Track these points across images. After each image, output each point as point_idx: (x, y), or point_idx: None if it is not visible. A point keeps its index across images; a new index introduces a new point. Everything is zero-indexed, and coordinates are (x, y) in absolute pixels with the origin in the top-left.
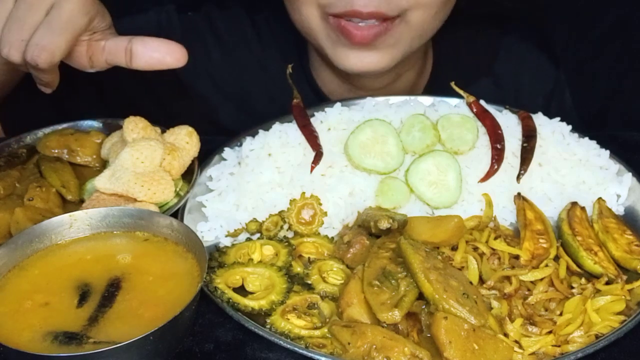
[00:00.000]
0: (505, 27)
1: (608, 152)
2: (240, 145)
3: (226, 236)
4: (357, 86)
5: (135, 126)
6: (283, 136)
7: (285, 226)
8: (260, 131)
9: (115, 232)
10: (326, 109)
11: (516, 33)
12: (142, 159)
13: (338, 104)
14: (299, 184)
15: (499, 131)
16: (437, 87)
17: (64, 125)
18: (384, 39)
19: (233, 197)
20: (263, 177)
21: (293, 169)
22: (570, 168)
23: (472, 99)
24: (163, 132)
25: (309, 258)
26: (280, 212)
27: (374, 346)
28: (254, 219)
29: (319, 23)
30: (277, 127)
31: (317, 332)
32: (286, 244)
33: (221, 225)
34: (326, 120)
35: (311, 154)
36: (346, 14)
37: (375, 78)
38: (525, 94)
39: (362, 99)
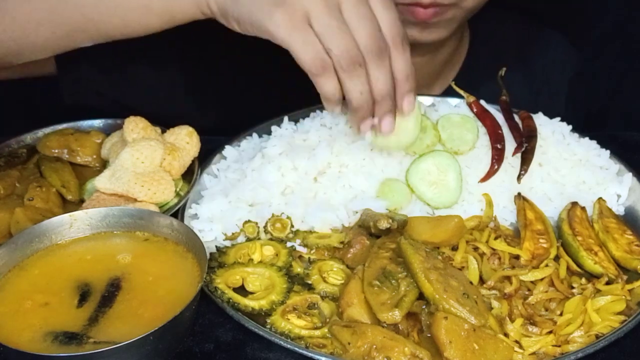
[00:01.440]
0: (536, 18)
1: (608, 152)
2: (240, 145)
3: (224, 240)
4: None
5: (135, 126)
6: (284, 137)
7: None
8: (263, 133)
9: (115, 232)
10: (323, 109)
11: (547, 24)
12: (142, 159)
13: None
14: (299, 185)
15: (499, 131)
16: (473, 66)
17: (64, 125)
18: (439, 18)
19: (233, 197)
20: (263, 178)
21: (294, 170)
22: (570, 168)
23: (472, 99)
24: (163, 132)
25: (309, 258)
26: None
27: (374, 346)
28: (249, 220)
29: None
30: (277, 128)
31: (317, 332)
32: (287, 244)
33: (220, 226)
34: (324, 120)
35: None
36: (410, 3)
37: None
38: (554, 83)
39: None
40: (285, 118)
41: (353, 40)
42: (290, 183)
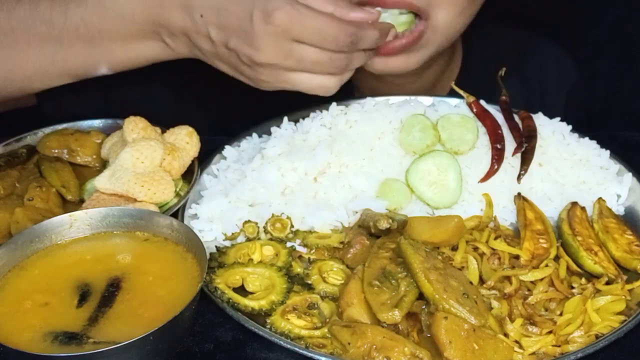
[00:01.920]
0: (531, 27)
1: (608, 152)
2: (240, 145)
3: (224, 240)
4: (385, 84)
5: (135, 126)
6: (283, 137)
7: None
8: (263, 133)
9: (115, 232)
10: (323, 109)
11: (542, 34)
12: (142, 159)
13: (334, 104)
14: (299, 185)
15: (499, 131)
16: (466, 80)
17: (64, 125)
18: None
19: (233, 197)
20: (263, 178)
21: (293, 170)
22: (570, 168)
23: (472, 99)
24: (163, 132)
25: (309, 258)
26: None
27: (374, 346)
28: (249, 220)
29: None
30: (277, 128)
31: (317, 332)
32: (287, 245)
33: (220, 226)
34: (324, 120)
35: (312, 155)
36: (369, 1)
37: (406, 77)
38: (550, 94)
39: (362, 98)
40: (285, 118)
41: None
42: (290, 183)
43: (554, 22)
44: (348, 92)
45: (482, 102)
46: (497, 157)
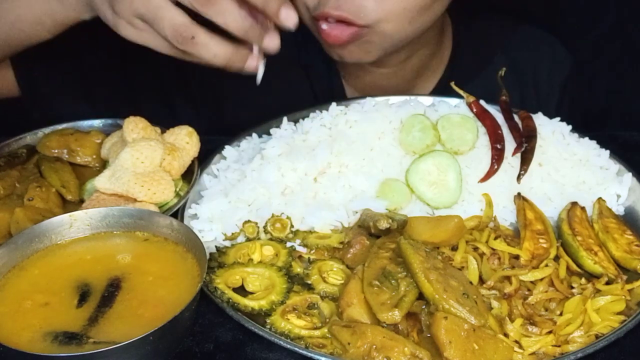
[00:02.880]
0: (522, 18)
1: (608, 152)
2: (240, 145)
3: (224, 240)
4: (375, 62)
5: (135, 126)
6: (283, 137)
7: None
8: (262, 133)
9: (115, 232)
10: (323, 110)
11: (533, 23)
12: (142, 159)
13: (334, 104)
14: (299, 185)
15: (499, 131)
16: (456, 71)
17: (64, 125)
18: (358, 43)
19: (232, 197)
20: (263, 178)
21: (293, 171)
22: (570, 168)
23: (472, 99)
24: (163, 132)
25: (309, 258)
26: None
27: (374, 346)
28: (248, 220)
29: (310, 24)
30: (277, 129)
31: (317, 332)
32: (287, 245)
33: (220, 226)
34: (324, 120)
35: (312, 155)
36: (320, 15)
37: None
38: (543, 81)
39: (362, 98)
40: (285, 119)
41: (172, 14)
42: (290, 183)
43: (551, 20)
44: (339, 85)
45: (482, 102)
46: (497, 157)
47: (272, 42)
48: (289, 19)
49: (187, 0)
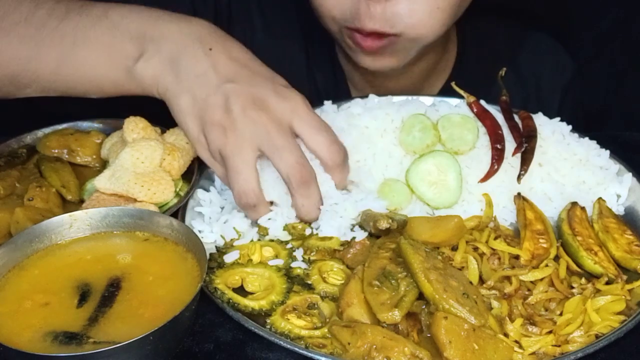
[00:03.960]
0: (526, 21)
1: (608, 152)
2: None
3: (223, 245)
4: (375, 77)
5: (135, 126)
6: None
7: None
8: None
9: (115, 232)
10: (323, 108)
11: (536, 27)
12: (142, 159)
13: (329, 103)
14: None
15: (499, 131)
16: (461, 74)
17: (64, 125)
18: (390, 48)
19: (232, 198)
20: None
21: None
22: (570, 168)
23: (472, 99)
24: (163, 132)
25: (309, 258)
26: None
27: (374, 346)
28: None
29: (337, 31)
30: None
31: (317, 332)
32: (288, 246)
33: (223, 223)
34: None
35: (310, 157)
36: (354, 29)
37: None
38: (545, 86)
39: (362, 98)
40: None
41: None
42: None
43: (552, 20)
44: (345, 89)
45: (482, 102)
46: (497, 157)
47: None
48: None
49: (285, 172)
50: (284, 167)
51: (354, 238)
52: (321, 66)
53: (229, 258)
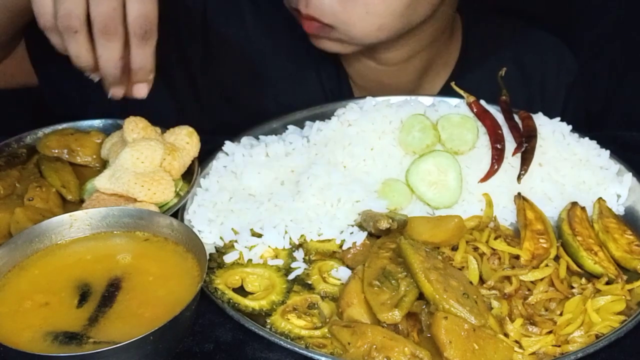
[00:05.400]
0: (527, 21)
1: (608, 152)
2: (240, 145)
3: (222, 247)
4: (376, 59)
5: (135, 126)
6: (283, 138)
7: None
8: (263, 133)
9: (115, 232)
10: (324, 110)
11: (540, 26)
12: (142, 159)
13: (333, 105)
14: (297, 187)
15: (499, 131)
16: (464, 73)
17: (64, 125)
18: (329, 35)
19: (232, 198)
20: (262, 179)
21: (292, 173)
22: (570, 168)
23: (472, 99)
24: (163, 132)
25: (309, 258)
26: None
27: (374, 346)
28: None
29: (291, 12)
30: (276, 129)
31: (317, 332)
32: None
33: (221, 223)
34: (324, 123)
35: (310, 158)
36: (294, 10)
37: (385, 52)
38: (549, 85)
39: (361, 99)
40: (291, 127)
41: (77, 5)
42: (290, 185)
43: (553, 20)
44: (347, 85)
45: (482, 102)
46: (497, 157)
47: (139, 92)
48: (137, 93)
49: (94, 17)
50: (96, 11)
51: (354, 243)
52: (325, 65)
53: (228, 258)
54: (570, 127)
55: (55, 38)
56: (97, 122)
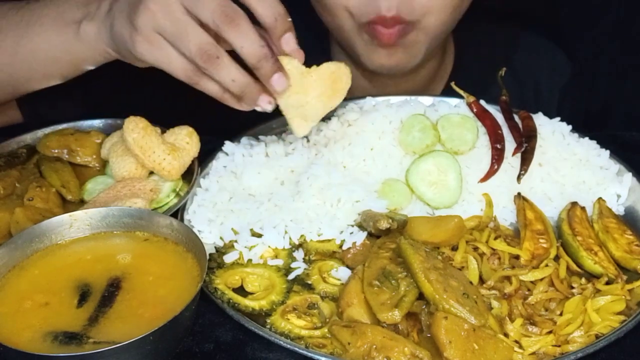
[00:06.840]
0: (522, 24)
1: (608, 152)
2: (240, 145)
3: (222, 247)
4: (377, 84)
5: (135, 126)
6: (283, 138)
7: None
8: (262, 133)
9: (115, 232)
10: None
11: (533, 29)
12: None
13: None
14: (297, 187)
15: (499, 131)
16: (459, 79)
17: (64, 125)
18: (405, 40)
19: (232, 198)
20: (262, 179)
21: (292, 173)
22: (570, 168)
23: (472, 99)
24: (163, 132)
25: (309, 258)
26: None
27: (374, 346)
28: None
29: (352, 27)
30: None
31: (317, 332)
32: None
33: (221, 223)
34: (325, 123)
35: (310, 158)
36: (374, 20)
37: (399, 77)
38: (543, 88)
39: (362, 99)
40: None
41: (199, 32)
42: (290, 185)
43: (550, 21)
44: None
45: (482, 102)
46: (497, 157)
47: (279, 81)
48: (287, 46)
49: (210, 17)
50: (205, 11)
51: (354, 243)
52: None
53: (228, 258)
54: (570, 127)
55: (207, 83)
56: (97, 122)
